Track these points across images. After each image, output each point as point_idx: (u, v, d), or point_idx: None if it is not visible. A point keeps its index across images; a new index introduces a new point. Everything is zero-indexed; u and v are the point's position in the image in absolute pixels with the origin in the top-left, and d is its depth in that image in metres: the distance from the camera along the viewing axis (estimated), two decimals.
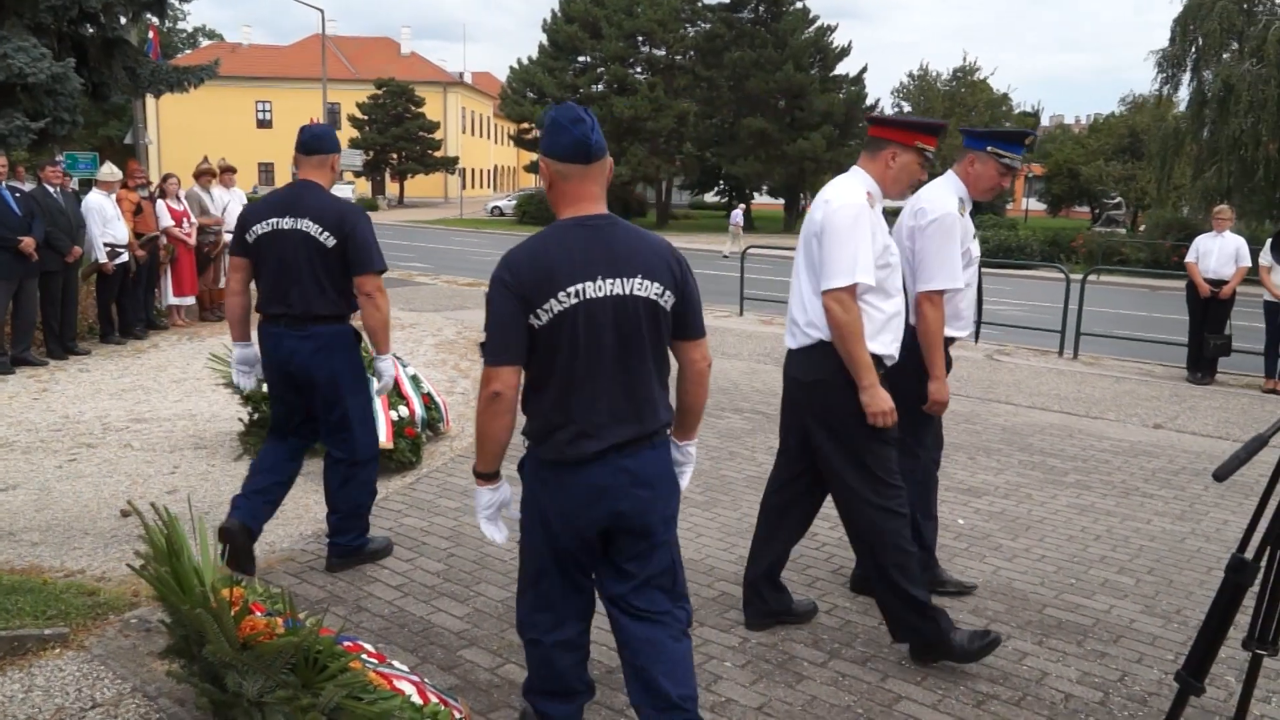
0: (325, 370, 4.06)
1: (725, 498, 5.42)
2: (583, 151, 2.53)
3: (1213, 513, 5.45)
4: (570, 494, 2.59)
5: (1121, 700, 3.34)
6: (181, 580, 2.83)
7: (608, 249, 2.54)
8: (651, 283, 2.56)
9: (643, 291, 2.55)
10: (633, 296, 2.53)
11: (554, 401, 2.56)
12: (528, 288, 2.49)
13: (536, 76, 43.81)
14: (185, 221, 10.69)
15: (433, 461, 5.94)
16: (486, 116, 72.49)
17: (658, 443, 2.66)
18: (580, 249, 2.52)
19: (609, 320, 2.52)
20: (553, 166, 2.56)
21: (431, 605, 3.96)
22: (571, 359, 2.52)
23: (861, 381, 3.30)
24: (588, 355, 2.52)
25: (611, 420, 2.55)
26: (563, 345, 2.51)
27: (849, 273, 3.28)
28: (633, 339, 2.55)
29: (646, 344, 2.58)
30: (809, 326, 3.42)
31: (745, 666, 3.50)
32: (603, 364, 2.53)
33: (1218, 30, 26.36)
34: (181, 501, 5.00)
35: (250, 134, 61.73)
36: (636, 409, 2.58)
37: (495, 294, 2.53)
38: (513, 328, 2.50)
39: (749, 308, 13.86)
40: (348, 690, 2.59)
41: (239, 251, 4.11)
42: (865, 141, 3.53)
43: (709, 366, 2.77)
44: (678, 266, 2.64)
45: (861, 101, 42.83)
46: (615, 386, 2.55)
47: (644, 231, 2.66)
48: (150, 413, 7.08)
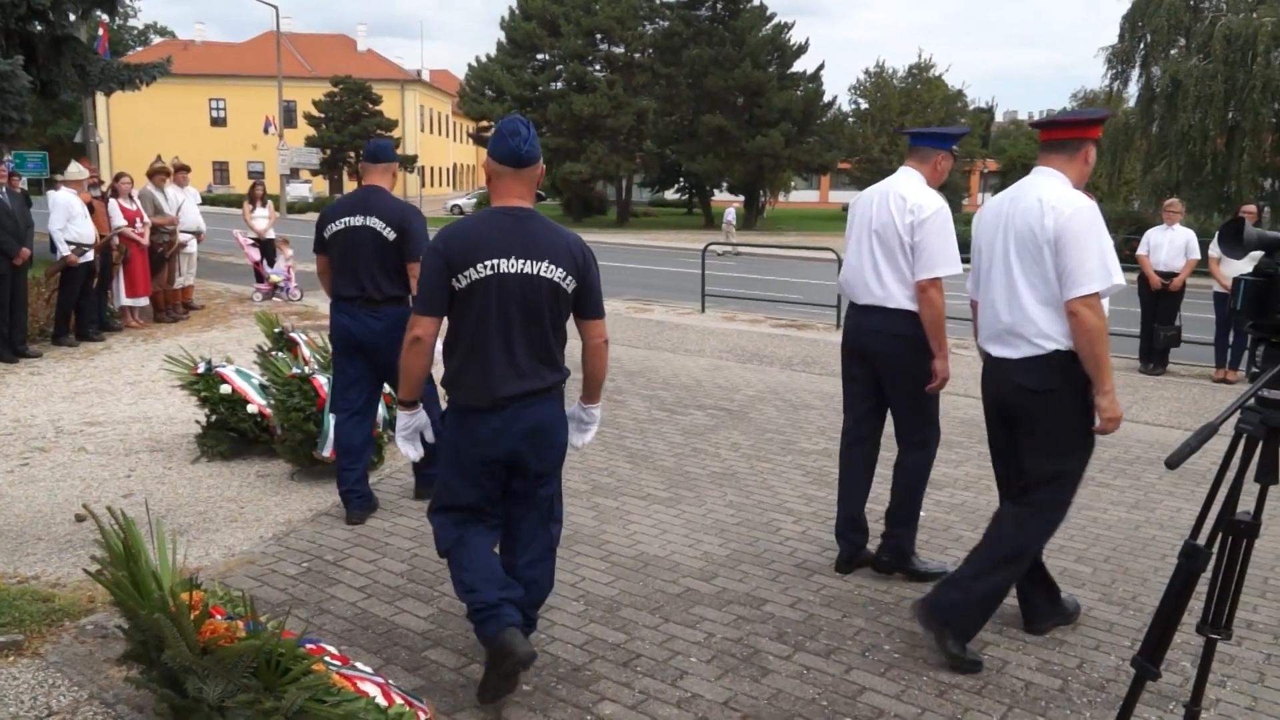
0: (390, 347, 4.55)
1: (689, 494, 5.44)
2: (514, 159, 3.12)
3: (1166, 501, 5.55)
4: (476, 434, 3.14)
5: (1080, 687, 3.40)
6: (139, 585, 2.79)
7: (524, 235, 3.11)
8: (556, 267, 3.11)
9: (547, 274, 3.10)
10: (538, 276, 3.09)
11: (465, 355, 3.12)
12: (454, 255, 3.06)
13: (495, 74, 43.59)
14: (138, 221, 10.52)
15: (395, 461, 5.89)
16: (445, 114, 72.05)
17: (550, 397, 3.22)
18: (501, 232, 3.09)
19: (515, 292, 3.07)
20: (491, 165, 3.16)
21: (396, 606, 3.93)
22: (482, 320, 3.08)
23: (1104, 385, 3.31)
24: (495, 318, 3.07)
25: (511, 375, 3.10)
26: (476, 307, 3.07)
27: (1103, 278, 3.27)
28: (534, 310, 3.10)
29: (545, 316, 3.12)
30: (1041, 338, 3.38)
31: (711, 661, 3.52)
32: (506, 327, 3.08)
33: (1165, 27, 26.84)
34: (138, 505, 4.92)
35: (204, 132, 60.89)
36: (534, 368, 3.14)
37: (428, 258, 3.14)
38: (438, 286, 3.07)
39: (710, 304, 13.90)
40: (311, 693, 2.56)
41: (318, 249, 4.92)
42: (1054, 143, 3.54)
43: (605, 343, 3.37)
44: (581, 257, 3.20)
45: (819, 99, 43.09)
46: (516, 347, 3.10)
47: (557, 226, 3.23)
48: (104, 415, 6.97)
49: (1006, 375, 3.51)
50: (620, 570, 4.33)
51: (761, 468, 5.99)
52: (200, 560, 4.36)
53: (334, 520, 4.91)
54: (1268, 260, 2.34)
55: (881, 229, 4.03)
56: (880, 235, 4.04)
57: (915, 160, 4.14)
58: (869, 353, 4.17)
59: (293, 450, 5.55)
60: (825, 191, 70.52)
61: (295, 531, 4.76)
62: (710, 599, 4.05)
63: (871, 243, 4.07)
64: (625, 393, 8.08)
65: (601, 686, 3.31)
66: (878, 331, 4.09)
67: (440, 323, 3.14)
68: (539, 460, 3.22)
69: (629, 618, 3.85)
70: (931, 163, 4.12)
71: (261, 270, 13.48)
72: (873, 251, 4.07)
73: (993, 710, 3.22)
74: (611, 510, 5.13)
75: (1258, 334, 2.38)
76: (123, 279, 10.53)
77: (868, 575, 4.32)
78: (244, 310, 12.25)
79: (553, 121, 41.57)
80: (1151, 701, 3.26)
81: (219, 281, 15.33)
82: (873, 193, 4.20)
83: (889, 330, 4.05)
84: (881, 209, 4.06)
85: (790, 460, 6.17)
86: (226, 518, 4.95)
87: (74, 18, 12.90)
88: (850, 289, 4.22)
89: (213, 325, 11.26)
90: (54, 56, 12.21)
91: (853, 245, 4.20)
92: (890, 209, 4.01)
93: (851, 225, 4.24)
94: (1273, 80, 24.53)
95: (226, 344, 9.61)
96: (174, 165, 11.79)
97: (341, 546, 4.56)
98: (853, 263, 4.19)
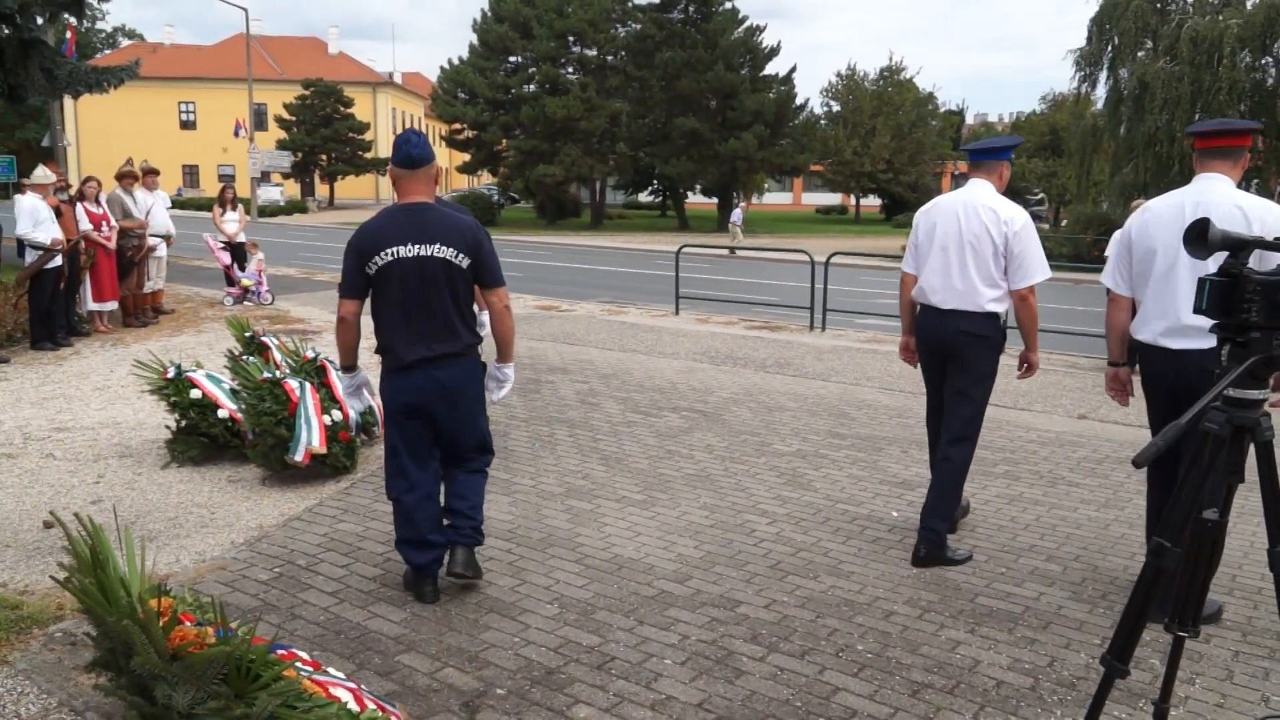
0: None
1: (664, 496, 5.44)
2: (409, 161, 3.81)
3: (1135, 500, 5.61)
4: (403, 391, 3.86)
5: (1051, 685, 3.43)
6: (107, 591, 2.75)
7: (419, 225, 3.76)
8: (447, 248, 3.76)
9: (439, 254, 3.76)
10: (431, 257, 3.75)
11: (387, 327, 3.85)
12: (364, 248, 3.78)
13: (467, 77, 43.48)
14: (105, 225, 10.41)
15: (367, 465, 5.86)
16: (418, 117, 71.74)
17: (459, 360, 3.88)
18: (399, 224, 3.78)
19: (414, 272, 3.74)
20: (393, 170, 3.86)
21: (368, 610, 3.91)
22: (393, 297, 3.78)
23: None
24: (403, 295, 3.76)
25: (423, 341, 3.79)
26: (387, 288, 3.78)
27: None
28: (433, 285, 3.76)
29: (444, 290, 3.78)
30: None
31: (685, 664, 3.52)
32: (413, 301, 3.76)
33: (1133, 29, 27.14)
34: (107, 511, 4.87)
35: (173, 135, 60.32)
36: (444, 334, 3.81)
37: (346, 252, 3.84)
38: (355, 275, 3.80)
39: (684, 307, 13.92)
40: (282, 699, 2.54)
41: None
42: (1217, 150, 3.82)
43: (507, 308, 3.97)
44: (473, 237, 3.83)
45: (791, 101, 43.26)
46: (424, 317, 3.78)
47: (451, 213, 3.89)
48: (73, 421, 6.88)
49: (1195, 362, 3.70)
50: (594, 573, 4.33)
51: (736, 469, 6.00)
52: (170, 566, 4.32)
53: (306, 525, 4.88)
54: (1232, 261, 2.36)
55: (975, 240, 4.37)
56: (974, 246, 4.38)
57: (982, 173, 4.53)
58: (946, 349, 4.53)
59: (264, 455, 5.51)
60: (798, 194, 70.80)
61: (267, 537, 4.73)
62: (684, 601, 4.05)
63: (964, 252, 4.40)
64: (600, 395, 8.08)
65: (576, 689, 3.31)
66: (963, 332, 4.44)
67: (360, 304, 3.85)
68: (453, 412, 3.91)
69: (603, 620, 3.85)
70: (997, 173, 4.53)
71: (232, 274, 13.37)
72: (963, 259, 4.41)
73: (965, 709, 3.24)
74: (586, 513, 5.13)
75: (1222, 334, 2.41)
76: (89, 283, 10.40)
77: (840, 576, 4.35)
78: (214, 314, 12.15)
79: (526, 124, 41.51)
80: (1121, 699, 3.29)
81: (189, 286, 15.19)
82: (954, 205, 4.50)
83: (974, 331, 4.43)
84: (972, 220, 4.39)
85: (764, 462, 6.19)
86: (197, 523, 4.91)
87: (41, 21, 12.75)
88: (932, 294, 4.52)
89: (183, 330, 11.16)
90: (21, 60, 12.06)
91: (936, 254, 4.50)
92: (983, 221, 4.37)
93: (932, 235, 4.53)
94: (1238, 82, 24.89)
95: (197, 348, 9.52)
96: (143, 169, 11.67)
97: (314, 551, 4.53)
98: (937, 269, 4.50)
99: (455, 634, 3.71)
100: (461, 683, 3.34)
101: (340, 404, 5.85)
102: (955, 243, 4.42)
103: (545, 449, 6.38)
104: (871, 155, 51.81)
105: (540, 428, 6.94)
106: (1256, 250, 2.43)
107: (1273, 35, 24.77)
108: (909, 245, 4.72)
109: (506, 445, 6.41)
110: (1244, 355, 2.34)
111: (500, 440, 6.54)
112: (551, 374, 8.96)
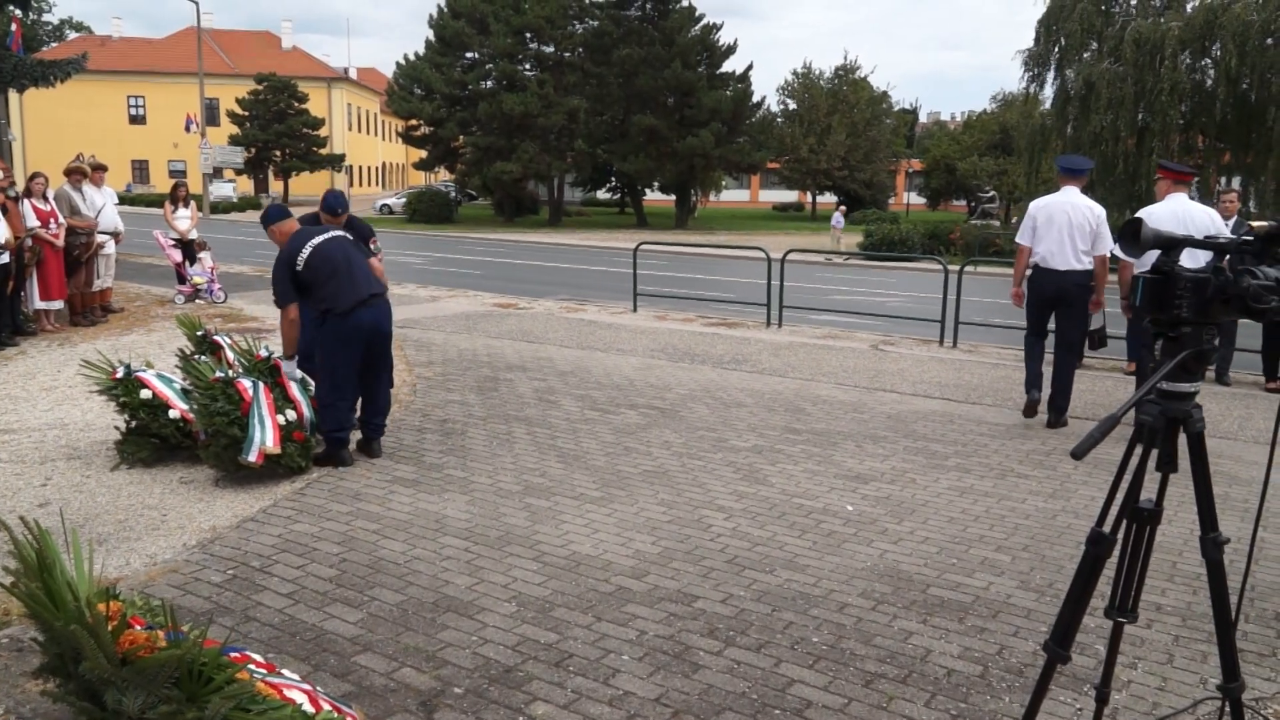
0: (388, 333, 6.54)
1: (621, 493, 5.47)
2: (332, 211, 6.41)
3: (1081, 490, 5.74)
4: (358, 324, 5.69)
5: (1000, 672, 3.50)
6: (54, 596, 2.72)
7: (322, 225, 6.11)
8: (343, 232, 6.08)
9: (338, 234, 5.96)
10: (338, 235, 5.94)
11: (333, 290, 5.65)
12: (290, 257, 5.67)
13: (424, 73, 43.18)
14: (53, 222, 10.22)
15: (322, 467, 5.82)
16: (374, 113, 71.10)
17: (383, 300, 5.90)
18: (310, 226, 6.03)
19: (336, 247, 5.80)
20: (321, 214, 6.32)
21: (324, 611, 3.89)
22: (334, 266, 5.69)
23: None
24: (334, 265, 5.70)
25: (360, 286, 5.74)
26: (323, 264, 5.67)
27: None
28: (349, 251, 5.87)
29: (354, 254, 5.90)
30: None
31: (643, 659, 3.55)
32: (342, 264, 5.74)
33: (1079, 31, 27.58)
34: (54, 515, 4.79)
35: (123, 130, 59.31)
36: (369, 282, 5.84)
37: (276, 268, 5.70)
38: (289, 283, 5.68)
39: (642, 304, 13.95)
40: (235, 702, 2.53)
41: None
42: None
43: (379, 263, 6.47)
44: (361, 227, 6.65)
45: (748, 99, 43.47)
46: (354, 271, 5.78)
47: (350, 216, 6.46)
48: (18, 423, 6.76)
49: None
50: (552, 570, 4.34)
51: (693, 465, 6.04)
52: (121, 570, 4.27)
53: (260, 526, 4.84)
54: (1165, 258, 2.43)
55: (1081, 225, 6.99)
56: (1080, 229, 6.98)
57: (1075, 181, 7.20)
58: (1062, 297, 7.13)
59: (217, 455, 5.45)
60: (755, 191, 71.18)
61: (220, 538, 4.68)
62: (642, 597, 4.08)
63: (1074, 235, 6.98)
64: (558, 393, 8.08)
65: (534, 687, 3.32)
66: (1077, 284, 7.06)
67: (296, 305, 5.71)
68: (385, 334, 5.92)
69: (561, 618, 3.86)
70: (1082, 181, 7.28)
71: (184, 272, 13.16)
72: (1073, 239, 6.99)
73: (916, 698, 3.31)
74: (544, 510, 5.14)
75: (1156, 329, 2.48)
76: (35, 281, 10.20)
77: (796, 569, 4.40)
78: (165, 313, 11.96)
79: (483, 120, 41.32)
80: (1066, 684, 3.37)
81: (139, 284, 14.94)
82: (1063, 204, 7.03)
83: (1083, 283, 7.08)
84: (1078, 213, 6.99)
85: (721, 457, 6.24)
86: (148, 526, 4.85)
87: None
88: (1053, 260, 7.06)
89: (132, 329, 10.98)
90: None
91: (1055, 234, 7.01)
92: (1085, 213, 7.00)
93: (1050, 224, 7.03)
94: (1180, 83, 25.38)
95: (147, 348, 9.38)
96: (91, 164, 11.46)
97: (268, 553, 4.50)
98: (1054, 245, 7.03)
99: (412, 634, 3.70)
100: (419, 682, 3.34)
101: (295, 404, 5.81)
102: (1068, 229, 7.00)
103: (503, 447, 6.37)
104: (827, 153, 52.23)
105: (498, 425, 6.94)
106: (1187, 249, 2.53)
107: (1212, 37, 25.25)
108: (1025, 228, 7.21)
109: (464, 443, 6.40)
110: (1176, 349, 2.42)
111: (458, 438, 6.53)
112: (510, 372, 8.95)
